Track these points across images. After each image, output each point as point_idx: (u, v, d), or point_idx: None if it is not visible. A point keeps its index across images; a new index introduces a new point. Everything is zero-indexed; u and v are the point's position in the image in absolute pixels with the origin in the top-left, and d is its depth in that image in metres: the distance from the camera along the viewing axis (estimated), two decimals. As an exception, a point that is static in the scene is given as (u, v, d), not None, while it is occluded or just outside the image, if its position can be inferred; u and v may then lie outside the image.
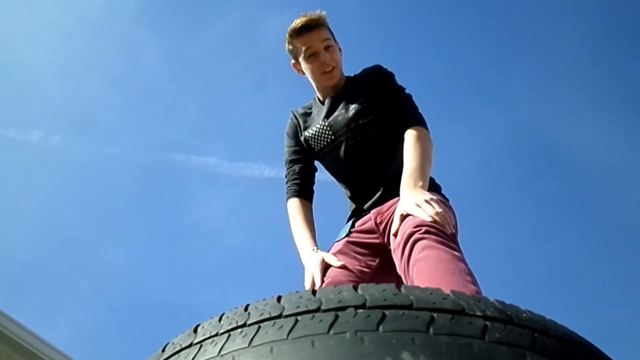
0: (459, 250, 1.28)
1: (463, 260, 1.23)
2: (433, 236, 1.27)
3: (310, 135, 1.82)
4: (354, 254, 1.58)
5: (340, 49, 1.86)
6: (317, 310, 0.57)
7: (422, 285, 1.16)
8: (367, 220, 1.66)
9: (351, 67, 1.94)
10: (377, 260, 1.58)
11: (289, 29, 1.78)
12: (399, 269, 1.37)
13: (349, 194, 1.82)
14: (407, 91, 1.81)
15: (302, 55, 1.79)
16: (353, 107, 1.74)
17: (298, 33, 1.76)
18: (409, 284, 1.29)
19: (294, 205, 1.79)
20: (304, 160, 1.85)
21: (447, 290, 1.11)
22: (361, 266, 1.55)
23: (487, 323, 0.55)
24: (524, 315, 0.58)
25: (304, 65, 1.82)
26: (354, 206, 1.78)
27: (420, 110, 1.76)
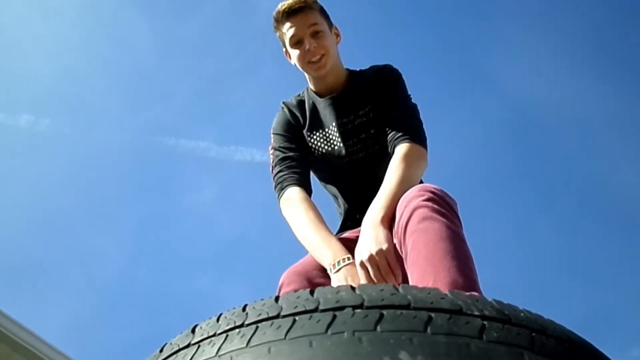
0: (460, 225, 1.20)
1: (464, 240, 1.16)
2: (435, 205, 1.18)
3: (315, 137, 1.63)
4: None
5: (338, 35, 1.68)
6: (315, 310, 0.57)
7: (419, 262, 1.13)
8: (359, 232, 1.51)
9: (345, 51, 1.73)
10: None
11: (274, 13, 1.60)
12: (395, 234, 1.29)
13: (341, 205, 1.69)
14: (412, 100, 1.64)
15: (288, 41, 1.60)
16: (361, 116, 1.59)
17: (282, 18, 1.58)
18: (403, 252, 1.24)
19: (297, 195, 1.49)
20: (301, 156, 1.61)
21: (445, 273, 1.08)
22: None
23: (485, 323, 0.55)
24: (522, 314, 0.58)
25: (291, 52, 1.63)
26: (344, 218, 1.67)
27: (421, 123, 1.58)
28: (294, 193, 1.50)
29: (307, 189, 1.56)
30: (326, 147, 1.63)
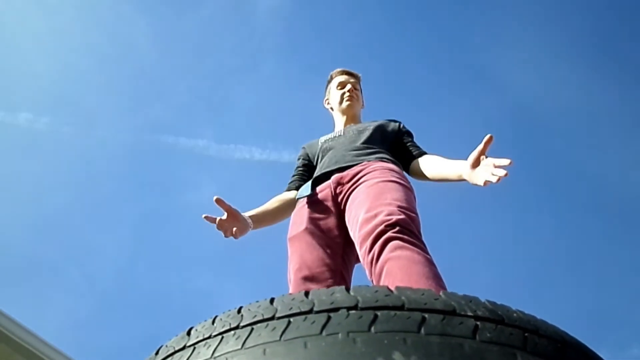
0: (428, 252, 1.36)
1: (434, 264, 1.31)
2: (406, 236, 1.35)
3: (324, 139, 2.07)
4: (319, 232, 1.68)
5: (363, 103, 2.28)
6: (310, 311, 0.57)
7: (395, 285, 1.21)
8: (326, 187, 1.78)
9: (342, 47, 2.09)
10: (339, 234, 1.66)
11: (332, 72, 2.30)
12: (363, 261, 1.44)
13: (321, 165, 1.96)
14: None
15: (334, 85, 2.23)
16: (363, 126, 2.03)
17: (339, 72, 2.27)
18: (373, 279, 1.36)
19: (285, 195, 2.00)
20: (308, 165, 2.08)
21: None
22: (329, 244, 1.64)
23: (478, 323, 0.56)
24: (515, 315, 0.59)
25: (332, 94, 2.23)
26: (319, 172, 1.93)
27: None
28: (286, 194, 2.00)
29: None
30: (331, 138, 2.07)
